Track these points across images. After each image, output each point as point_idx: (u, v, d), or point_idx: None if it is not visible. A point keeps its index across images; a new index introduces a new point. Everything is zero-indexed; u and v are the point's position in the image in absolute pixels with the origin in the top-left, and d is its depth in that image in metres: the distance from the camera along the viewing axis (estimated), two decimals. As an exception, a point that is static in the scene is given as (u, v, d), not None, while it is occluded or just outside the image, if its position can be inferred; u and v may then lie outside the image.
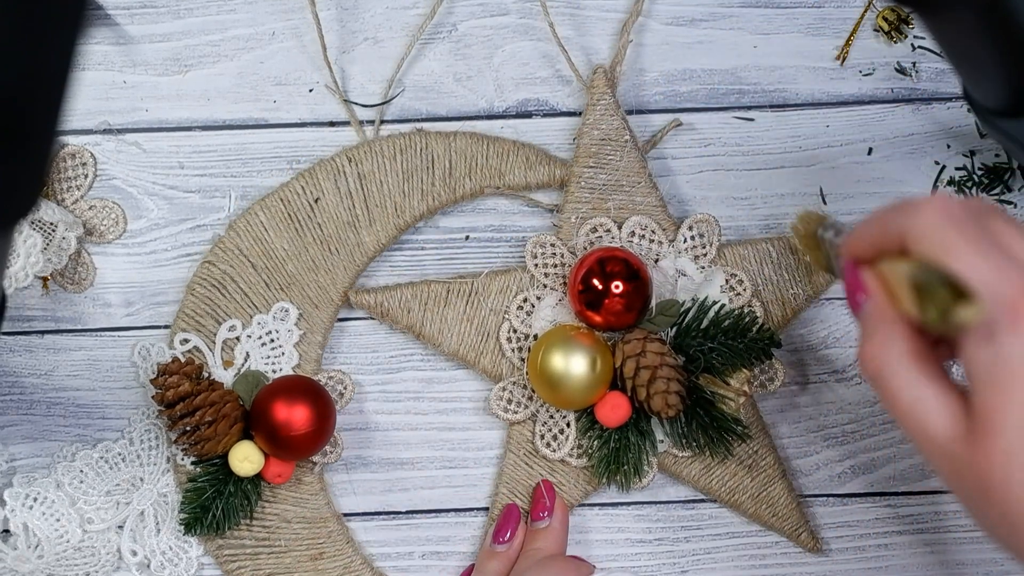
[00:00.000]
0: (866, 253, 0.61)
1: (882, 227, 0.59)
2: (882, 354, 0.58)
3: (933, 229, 0.56)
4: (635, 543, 0.83)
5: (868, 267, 0.60)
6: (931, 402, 0.57)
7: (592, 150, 0.81)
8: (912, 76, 0.84)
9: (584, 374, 0.78)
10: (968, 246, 0.55)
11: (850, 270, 0.61)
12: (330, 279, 0.82)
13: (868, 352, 0.59)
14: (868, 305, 0.60)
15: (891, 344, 0.58)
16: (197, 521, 0.79)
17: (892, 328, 0.58)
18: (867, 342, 0.59)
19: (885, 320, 0.59)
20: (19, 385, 0.83)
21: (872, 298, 0.60)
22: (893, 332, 0.58)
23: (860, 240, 0.61)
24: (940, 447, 0.56)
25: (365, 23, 0.84)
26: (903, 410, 0.58)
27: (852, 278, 0.61)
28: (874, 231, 0.60)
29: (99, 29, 0.83)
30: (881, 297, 0.59)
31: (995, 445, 0.54)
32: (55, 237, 0.80)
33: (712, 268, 0.81)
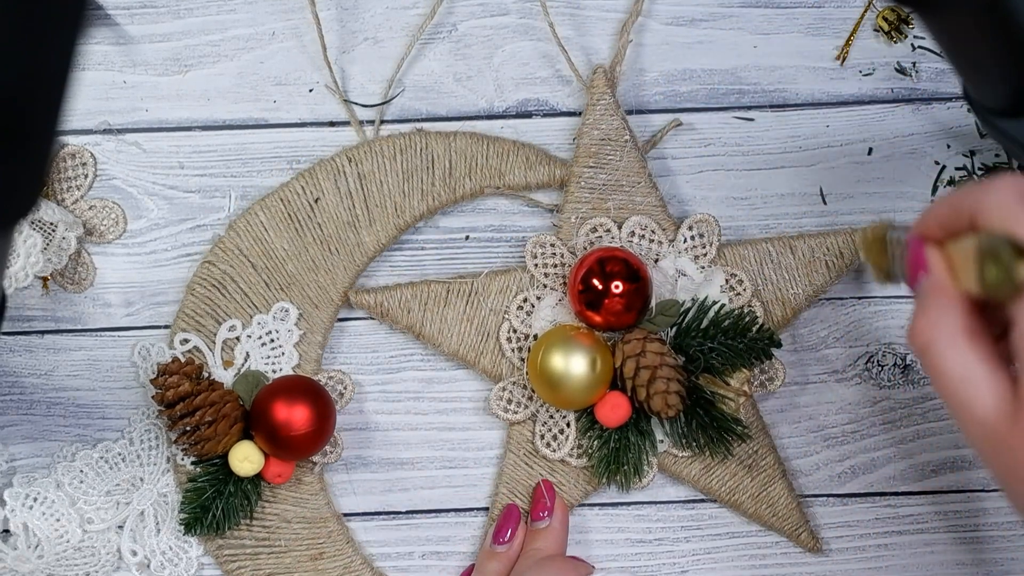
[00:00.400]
0: (936, 232, 0.60)
1: (953, 206, 0.59)
2: (934, 328, 0.58)
3: (1004, 204, 0.56)
4: (635, 543, 0.83)
5: (935, 246, 0.61)
6: (979, 380, 0.57)
7: (592, 150, 0.81)
8: (912, 76, 0.84)
9: (584, 374, 0.78)
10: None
11: (914, 246, 0.61)
12: (330, 279, 0.82)
13: (920, 325, 0.59)
14: (926, 281, 0.60)
15: (944, 319, 0.58)
16: (197, 521, 0.79)
17: (947, 303, 0.58)
18: (920, 315, 0.59)
19: (941, 295, 0.59)
20: (19, 385, 0.83)
21: (932, 274, 0.60)
22: (947, 307, 0.58)
23: (931, 219, 0.61)
24: (982, 425, 0.56)
25: (365, 23, 0.84)
26: (950, 385, 0.57)
27: (915, 254, 0.61)
28: (945, 210, 0.60)
29: (99, 29, 0.83)
30: (941, 273, 0.59)
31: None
32: (55, 237, 0.80)
33: (712, 268, 0.81)
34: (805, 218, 0.83)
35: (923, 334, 0.58)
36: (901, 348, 0.83)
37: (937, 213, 0.61)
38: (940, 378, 0.58)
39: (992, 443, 0.56)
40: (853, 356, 0.83)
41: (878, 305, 0.83)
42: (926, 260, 0.61)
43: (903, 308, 0.83)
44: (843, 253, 0.82)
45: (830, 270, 0.82)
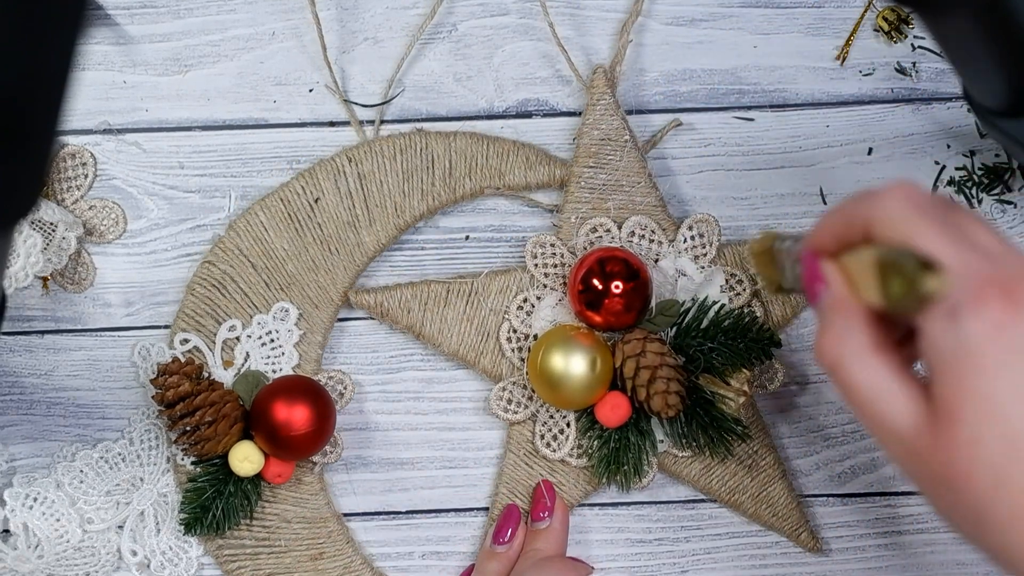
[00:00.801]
0: (829, 245, 0.60)
1: (845, 217, 0.59)
2: (840, 344, 0.57)
3: (898, 215, 0.56)
4: (635, 543, 0.83)
5: (829, 259, 0.60)
6: (891, 394, 0.56)
7: (592, 150, 0.81)
8: (912, 76, 0.84)
9: (584, 374, 0.78)
10: (933, 230, 0.55)
11: (809, 261, 0.61)
12: (330, 279, 0.82)
13: (826, 342, 0.58)
14: (826, 295, 0.59)
15: (849, 335, 0.57)
16: (197, 521, 0.79)
17: (851, 318, 0.58)
18: (825, 332, 0.58)
19: (844, 310, 0.58)
20: (19, 385, 0.83)
21: (830, 288, 0.59)
22: (852, 322, 0.58)
23: (823, 232, 0.60)
24: (900, 439, 0.56)
25: (365, 23, 0.84)
26: (862, 402, 0.57)
27: (810, 268, 0.60)
28: (837, 221, 0.59)
29: (99, 29, 0.83)
30: (840, 287, 0.59)
31: (958, 435, 0.53)
32: (55, 237, 0.80)
33: (712, 268, 0.81)
34: (805, 218, 0.83)
35: (831, 352, 0.58)
36: (901, 348, 0.83)
37: (829, 225, 0.60)
38: (853, 395, 0.57)
39: (912, 455, 0.55)
40: (853, 356, 0.83)
41: (878, 305, 0.83)
42: (822, 274, 0.60)
43: (903, 308, 0.83)
44: (843, 253, 0.82)
45: (830, 270, 0.82)
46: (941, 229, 0.55)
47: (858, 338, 0.57)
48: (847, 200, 0.59)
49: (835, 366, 0.58)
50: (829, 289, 0.59)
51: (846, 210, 0.59)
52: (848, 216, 0.58)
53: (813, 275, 0.60)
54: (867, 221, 0.57)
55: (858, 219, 0.58)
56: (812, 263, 0.60)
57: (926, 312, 0.54)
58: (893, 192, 0.57)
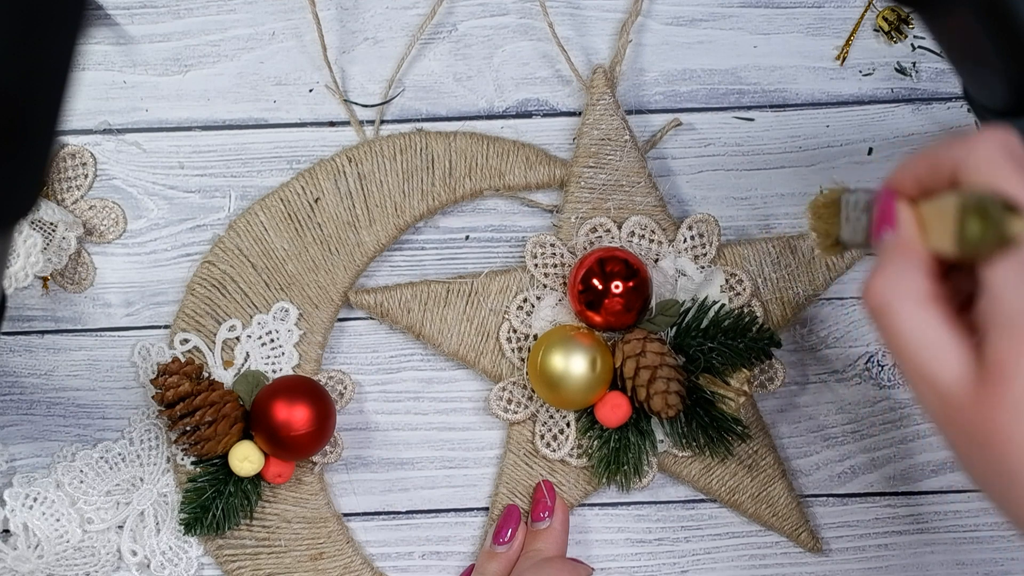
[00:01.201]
0: (910, 188, 0.57)
1: (932, 160, 0.56)
2: (893, 287, 0.54)
3: (989, 159, 0.53)
4: (635, 543, 0.83)
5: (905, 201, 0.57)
6: (938, 344, 0.53)
7: (592, 150, 0.81)
8: (912, 76, 0.84)
9: (584, 374, 0.78)
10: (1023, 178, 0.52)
11: (885, 198, 0.57)
12: (330, 279, 0.82)
13: (877, 283, 0.55)
14: (889, 236, 0.56)
15: (902, 277, 0.54)
16: (197, 521, 0.79)
17: (908, 262, 0.55)
18: (878, 273, 0.55)
19: (904, 253, 0.55)
20: (19, 385, 0.83)
21: (899, 228, 0.56)
22: (908, 266, 0.55)
23: (906, 173, 0.57)
24: (941, 393, 0.53)
25: (365, 23, 0.84)
26: (907, 350, 0.54)
27: (885, 206, 0.57)
28: (922, 164, 0.56)
29: (99, 29, 0.83)
30: (909, 227, 0.56)
31: (1005, 395, 0.51)
32: (55, 237, 0.80)
33: (712, 268, 0.81)
34: (805, 218, 0.83)
35: (880, 294, 0.54)
36: (901, 348, 0.83)
37: (914, 168, 0.56)
38: (897, 342, 0.54)
39: (950, 411, 0.53)
40: (853, 356, 0.83)
41: (878, 305, 0.83)
42: (895, 214, 0.56)
43: (903, 308, 0.83)
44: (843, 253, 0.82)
45: (830, 270, 0.82)
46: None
47: (911, 282, 0.54)
48: (935, 143, 0.56)
49: (882, 309, 0.54)
50: (896, 229, 0.56)
51: (934, 153, 0.56)
52: (935, 159, 0.55)
53: (885, 215, 0.57)
54: (955, 165, 0.54)
55: (946, 163, 0.55)
56: (887, 202, 0.57)
57: (1001, 258, 0.52)
58: (986, 137, 0.54)
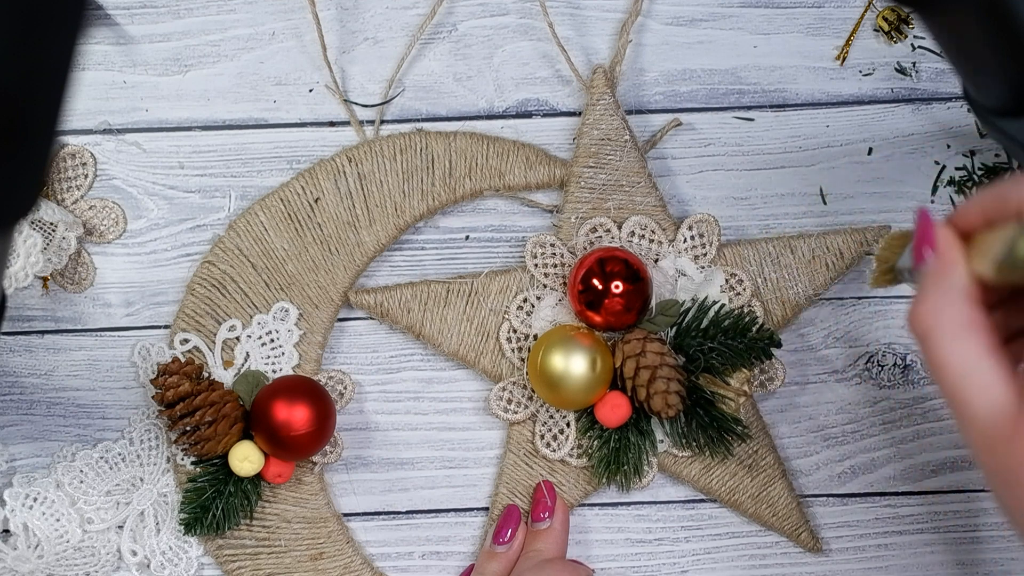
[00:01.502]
0: (976, 221, 0.57)
1: (999, 195, 0.56)
2: (937, 315, 0.55)
3: None
4: (635, 543, 0.83)
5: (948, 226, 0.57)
6: (982, 376, 0.54)
7: (592, 150, 0.81)
8: (912, 76, 0.84)
9: (584, 374, 0.78)
10: None
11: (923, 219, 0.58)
12: (330, 279, 0.82)
13: (921, 310, 0.55)
14: (931, 260, 0.57)
15: (948, 305, 0.55)
16: (197, 521, 0.79)
17: (952, 289, 0.55)
18: (922, 300, 0.56)
19: (947, 280, 0.56)
20: (19, 385, 0.83)
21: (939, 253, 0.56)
22: (952, 294, 0.55)
23: (973, 207, 0.57)
24: (980, 425, 0.54)
25: (365, 23, 0.84)
26: (950, 379, 0.54)
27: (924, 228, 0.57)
28: (989, 198, 0.57)
29: (99, 29, 0.83)
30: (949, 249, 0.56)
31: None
32: (55, 237, 0.80)
33: (712, 268, 0.81)
34: (805, 218, 0.83)
35: (924, 320, 0.55)
36: (901, 348, 0.83)
37: (980, 201, 0.57)
38: (940, 370, 0.55)
39: (988, 443, 0.54)
40: (853, 356, 0.83)
41: (878, 305, 0.83)
42: (934, 235, 0.57)
43: (903, 308, 0.83)
44: (843, 253, 0.82)
45: (830, 270, 0.82)
46: None
47: (956, 311, 0.55)
48: (1003, 181, 0.57)
49: (926, 336, 0.55)
50: (937, 252, 0.56)
51: (1003, 189, 0.56)
52: (1002, 194, 0.56)
53: (925, 236, 0.57)
54: (1020, 201, 0.55)
55: (1012, 198, 0.55)
56: (926, 223, 0.57)
57: None
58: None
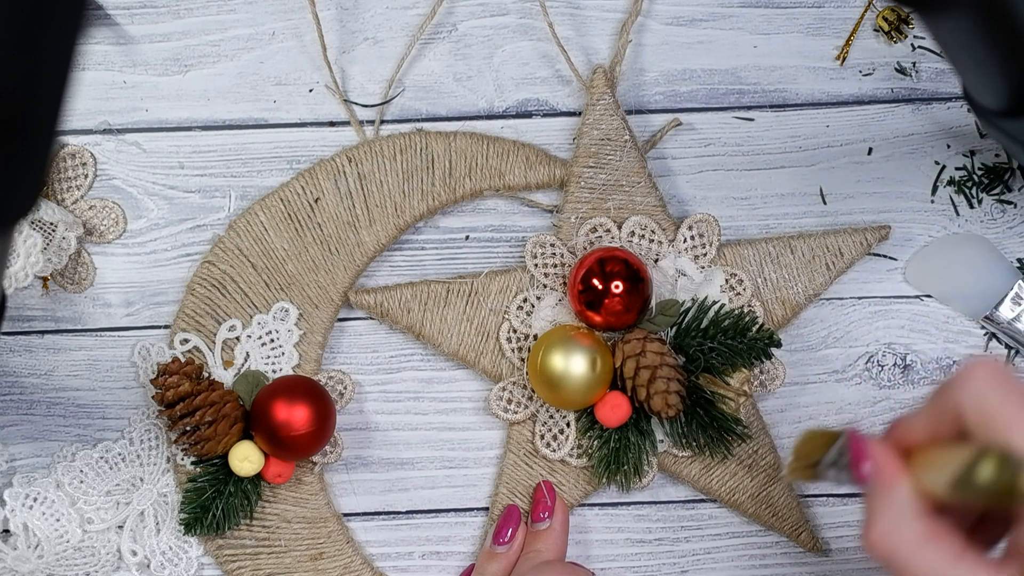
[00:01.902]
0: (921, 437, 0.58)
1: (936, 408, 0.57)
2: (890, 536, 0.56)
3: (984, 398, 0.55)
4: (635, 543, 0.83)
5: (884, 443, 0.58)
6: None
7: (592, 150, 0.81)
8: (912, 76, 0.84)
9: (584, 374, 0.78)
10: None
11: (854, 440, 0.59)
12: (330, 279, 0.82)
13: (875, 534, 0.56)
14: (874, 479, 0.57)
15: (902, 525, 0.56)
16: (197, 521, 0.79)
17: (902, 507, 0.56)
18: (874, 523, 0.56)
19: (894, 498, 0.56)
20: (19, 385, 0.83)
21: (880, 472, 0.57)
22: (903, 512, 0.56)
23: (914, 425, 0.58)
24: None
25: (365, 23, 0.84)
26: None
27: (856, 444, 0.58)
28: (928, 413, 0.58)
29: (99, 29, 0.83)
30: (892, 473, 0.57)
31: None
32: (55, 237, 0.80)
33: (712, 268, 0.81)
34: (805, 218, 0.83)
35: (882, 544, 0.56)
36: (901, 348, 0.83)
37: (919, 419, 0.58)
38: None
39: None
40: (853, 356, 0.83)
41: (878, 305, 0.83)
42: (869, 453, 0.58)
43: (903, 308, 0.83)
44: (843, 253, 0.82)
45: (830, 270, 0.82)
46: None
47: (910, 528, 0.55)
48: (933, 392, 0.58)
49: (889, 560, 0.56)
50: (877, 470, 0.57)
51: (935, 402, 0.57)
52: (936, 410, 0.57)
53: (859, 453, 0.58)
54: (957, 413, 0.56)
55: (948, 412, 0.56)
56: (857, 440, 0.58)
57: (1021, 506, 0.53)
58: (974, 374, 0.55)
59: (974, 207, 0.83)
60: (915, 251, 0.83)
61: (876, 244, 0.82)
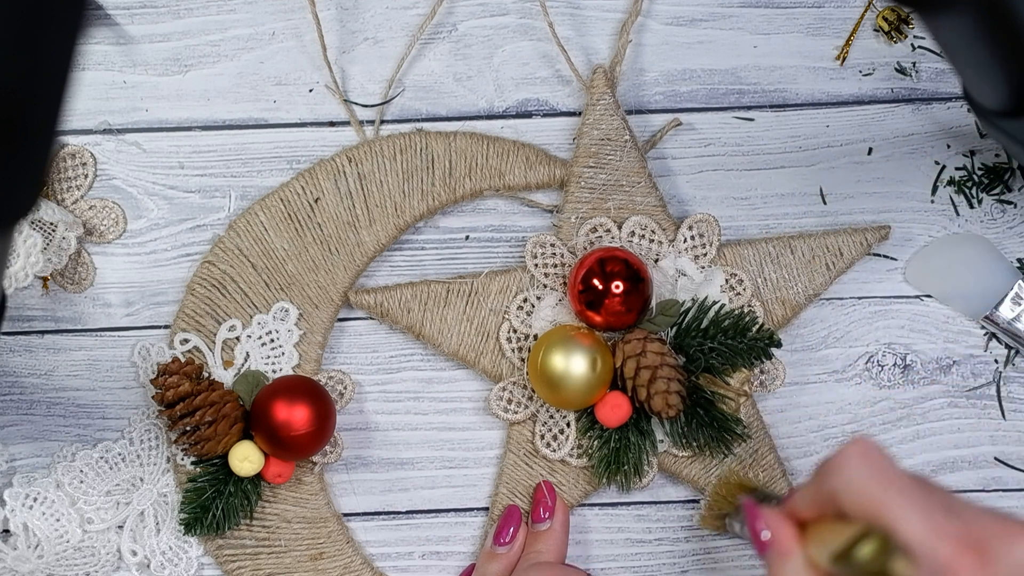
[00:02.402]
0: (808, 514, 0.61)
1: (815, 492, 0.60)
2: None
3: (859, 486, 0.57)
4: (635, 543, 0.83)
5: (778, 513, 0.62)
6: None
7: (592, 150, 0.81)
8: (912, 76, 0.84)
9: (584, 374, 0.78)
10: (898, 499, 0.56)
11: (749, 508, 0.62)
12: (330, 279, 0.82)
13: None
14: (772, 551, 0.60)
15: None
16: (197, 521, 0.79)
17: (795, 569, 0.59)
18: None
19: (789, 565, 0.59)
20: (19, 385, 0.83)
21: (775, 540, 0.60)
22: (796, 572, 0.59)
23: (798, 504, 0.61)
24: None
25: (365, 23, 0.84)
26: None
27: (751, 515, 0.62)
28: (807, 496, 0.60)
29: (99, 29, 0.83)
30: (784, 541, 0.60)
31: None
32: (55, 237, 0.80)
33: (712, 268, 0.81)
34: (805, 218, 0.83)
35: None
36: (901, 348, 0.83)
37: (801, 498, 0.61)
38: None
39: None
40: (853, 356, 0.83)
41: (878, 305, 0.83)
42: (763, 520, 0.61)
43: (903, 308, 0.83)
44: (843, 253, 0.82)
45: (830, 270, 0.82)
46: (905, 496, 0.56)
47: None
48: (814, 471, 0.61)
49: None
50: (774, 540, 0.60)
51: (813, 485, 0.60)
52: (816, 491, 0.60)
53: (755, 522, 0.62)
54: (832, 494, 0.58)
55: (825, 493, 0.59)
56: (753, 512, 0.62)
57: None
58: (848, 458, 0.58)
59: (974, 207, 0.83)
60: (915, 251, 0.83)
61: (876, 244, 0.82)
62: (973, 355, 0.83)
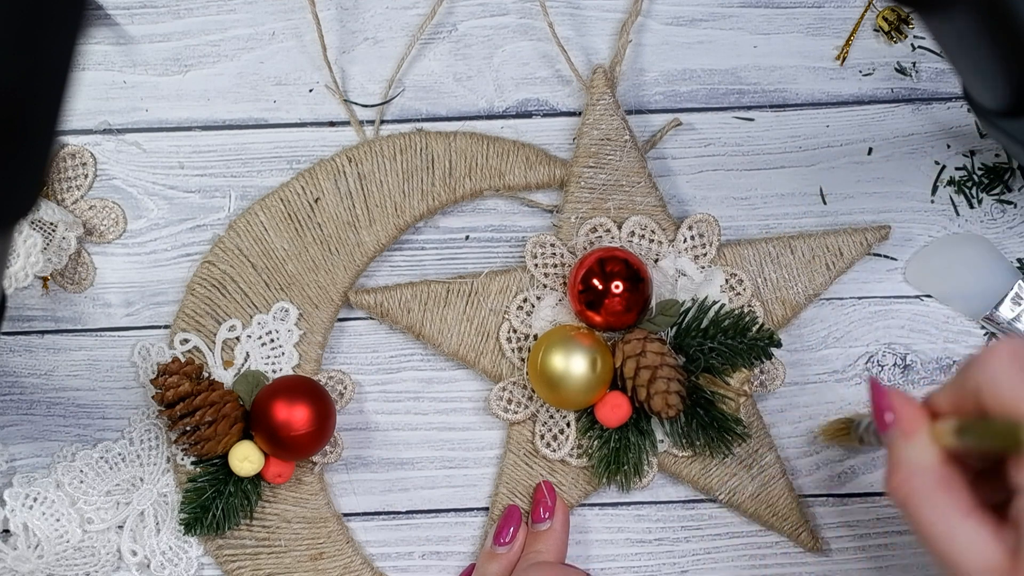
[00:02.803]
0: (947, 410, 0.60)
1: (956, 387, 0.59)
2: (910, 480, 0.58)
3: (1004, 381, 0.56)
4: (635, 543, 0.83)
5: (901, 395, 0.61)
6: (966, 535, 0.56)
7: (592, 150, 0.81)
8: (912, 76, 0.84)
9: (584, 374, 0.78)
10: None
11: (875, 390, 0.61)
12: (330, 279, 0.82)
13: (896, 479, 0.59)
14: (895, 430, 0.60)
15: (920, 470, 0.58)
16: (197, 521, 0.79)
17: (921, 452, 0.58)
18: (895, 468, 0.59)
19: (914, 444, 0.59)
20: (19, 385, 0.83)
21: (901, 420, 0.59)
22: (922, 457, 0.58)
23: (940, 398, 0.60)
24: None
25: (365, 23, 0.84)
26: (934, 542, 0.57)
27: (877, 395, 0.61)
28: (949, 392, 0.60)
29: (99, 29, 0.83)
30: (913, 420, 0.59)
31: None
32: (55, 237, 0.80)
33: (712, 268, 0.81)
34: (805, 218, 0.83)
35: (900, 489, 0.58)
36: (901, 348, 0.83)
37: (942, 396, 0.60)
38: (924, 534, 0.58)
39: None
40: (853, 356, 0.83)
41: (878, 305, 0.83)
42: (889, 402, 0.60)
43: (903, 308, 0.83)
44: (843, 253, 0.82)
45: (830, 270, 0.82)
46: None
47: (927, 473, 0.58)
48: (957, 369, 0.61)
49: (905, 504, 0.58)
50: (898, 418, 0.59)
51: (957, 380, 0.59)
52: (958, 386, 0.59)
53: (880, 402, 0.61)
54: (977, 388, 0.57)
55: (970, 387, 0.58)
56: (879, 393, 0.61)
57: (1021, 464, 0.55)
58: (996, 354, 0.57)
59: (974, 207, 0.83)
60: (915, 251, 0.83)
61: (876, 244, 0.82)
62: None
